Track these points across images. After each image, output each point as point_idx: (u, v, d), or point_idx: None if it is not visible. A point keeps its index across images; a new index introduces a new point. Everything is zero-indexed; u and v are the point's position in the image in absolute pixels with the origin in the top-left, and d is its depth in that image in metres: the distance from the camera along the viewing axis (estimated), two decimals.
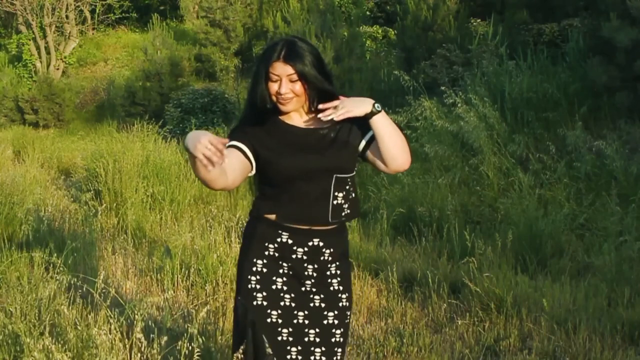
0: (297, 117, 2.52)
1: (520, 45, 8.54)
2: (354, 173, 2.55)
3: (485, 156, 6.70)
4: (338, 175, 2.47)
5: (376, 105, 2.44)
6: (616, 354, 3.81)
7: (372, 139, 2.51)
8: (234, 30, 14.79)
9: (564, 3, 9.07)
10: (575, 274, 4.88)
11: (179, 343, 3.08)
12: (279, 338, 2.48)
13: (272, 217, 2.51)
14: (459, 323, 4.25)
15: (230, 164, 2.39)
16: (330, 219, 2.48)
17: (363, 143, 2.53)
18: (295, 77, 2.42)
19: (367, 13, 14.30)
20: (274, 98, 2.46)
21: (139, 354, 3.02)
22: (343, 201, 2.50)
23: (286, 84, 2.43)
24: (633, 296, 4.36)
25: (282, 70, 2.42)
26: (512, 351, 3.93)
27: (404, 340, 3.99)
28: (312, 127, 2.51)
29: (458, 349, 3.97)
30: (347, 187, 2.51)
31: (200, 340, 3.04)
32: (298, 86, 2.43)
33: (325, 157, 2.46)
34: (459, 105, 7.19)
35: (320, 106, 2.46)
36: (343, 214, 2.51)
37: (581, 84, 7.39)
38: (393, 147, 2.49)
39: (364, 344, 4.02)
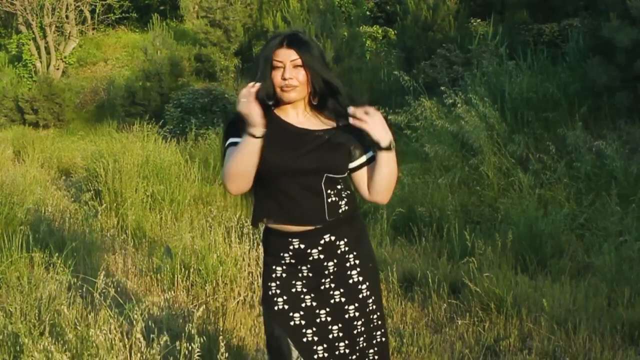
0: (293, 115, 2.51)
1: (520, 45, 8.55)
2: (346, 175, 2.54)
3: (485, 156, 6.70)
4: (329, 175, 2.47)
5: (393, 144, 2.46)
6: (616, 354, 3.81)
7: (369, 162, 2.52)
8: (234, 30, 14.79)
9: (564, 3, 9.08)
10: (575, 274, 4.88)
11: (178, 343, 3.08)
12: (304, 339, 2.50)
13: (273, 222, 2.51)
14: (459, 323, 4.25)
15: None
16: (327, 217, 2.47)
17: (362, 160, 2.52)
18: (298, 62, 2.43)
19: (367, 13, 14.30)
20: (277, 90, 2.45)
21: (138, 354, 3.02)
22: (337, 198, 2.50)
23: (290, 70, 2.43)
24: (633, 296, 4.36)
25: (285, 56, 2.43)
26: (512, 351, 3.92)
27: (404, 340, 3.99)
28: (307, 127, 2.49)
29: (458, 349, 3.97)
30: (339, 187, 2.51)
31: (201, 340, 3.03)
32: (302, 75, 2.44)
33: (316, 158, 2.45)
34: (459, 105, 7.18)
35: (352, 110, 2.44)
36: (340, 210, 2.50)
37: (581, 84, 7.39)
38: (386, 184, 2.51)
39: None
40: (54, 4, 17.58)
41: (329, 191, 2.47)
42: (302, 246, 2.49)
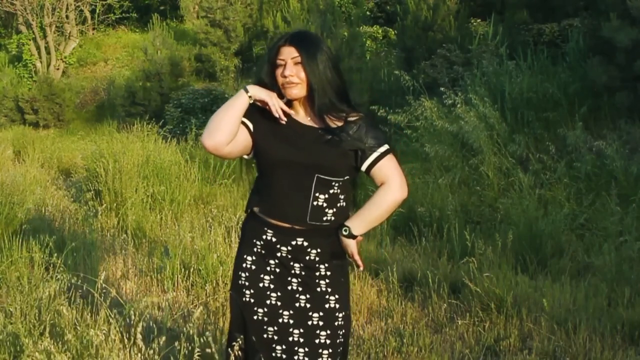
0: (302, 113, 2.52)
1: (520, 45, 8.55)
2: (344, 179, 2.48)
3: (485, 156, 6.69)
4: (320, 176, 2.44)
5: (344, 232, 2.49)
6: (616, 354, 3.81)
7: (374, 164, 2.48)
8: (234, 30, 14.78)
9: (564, 3, 9.08)
10: (575, 274, 4.88)
11: (178, 343, 3.08)
12: (265, 336, 2.51)
13: (258, 210, 2.55)
14: (459, 323, 4.25)
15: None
16: (308, 220, 2.45)
17: (371, 160, 2.48)
18: (299, 59, 2.43)
19: (367, 13, 14.30)
20: (281, 87, 2.47)
21: (138, 354, 3.02)
22: (326, 204, 2.46)
23: (291, 67, 2.44)
24: (633, 296, 4.36)
25: (287, 53, 2.45)
26: (512, 351, 3.92)
27: (404, 340, 3.99)
28: (311, 124, 2.49)
29: (458, 349, 3.97)
30: (333, 192, 2.47)
31: (201, 340, 3.03)
32: (303, 72, 2.44)
33: (308, 153, 2.43)
34: (459, 105, 7.18)
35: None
36: (325, 218, 2.47)
37: (581, 84, 7.39)
38: (385, 217, 2.56)
39: (364, 344, 4.01)
40: (54, 4, 17.58)
41: (317, 194, 2.44)
42: (274, 240, 2.50)
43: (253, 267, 2.54)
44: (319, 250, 2.49)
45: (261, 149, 2.49)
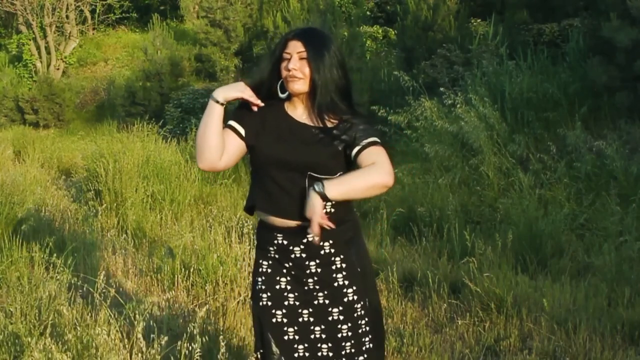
0: (300, 109, 2.51)
1: (520, 45, 8.55)
2: (337, 175, 2.44)
3: (485, 156, 6.69)
4: (312, 174, 2.43)
5: (316, 187, 2.31)
6: (616, 354, 3.81)
7: (363, 149, 2.41)
8: (234, 30, 14.78)
9: (564, 3, 9.08)
10: (575, 274, 4.88)
11: (179, 343, 3.08)
12: (285, 337, 2.50)
13: (259, 210, 2.54)
14: (459, 323, 4.25)
15: (226, 146, 2.48)
16: (307, 215, 2.43)
17: (357, 148, 2.43)
18: (304, 54, 2.43)
19: (367, 13, 14.29)
20: (284, 81, 2.46)
21: (139, 354, 3.02)
22: None
23: (295, 61, 2.44)
24: (633, 296, 4.36)
25: (293, 47, 2.46)
26: (512, 351, 3.93)
27: (404, 340, 3.99)
28: (307, 122, 2.49)
29: (458, 349, 3.97)
30: None
31: (203, 340, 3.03)
32: (307, 68, 2.44)
33: (300, 152, 2.43)
34: (459, 105, 7.18)
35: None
36: (324, 211, 2.41)
37: (581, 84, 7.39)
38: (364, 193, 2.42)
39: None
40: (54, 4, 17.58)
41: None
42: (285, 242, 2.49)
43: (269, 270, 2.54)
44: (331, 241, 2.48)
45: (256, 147, 2.49)
